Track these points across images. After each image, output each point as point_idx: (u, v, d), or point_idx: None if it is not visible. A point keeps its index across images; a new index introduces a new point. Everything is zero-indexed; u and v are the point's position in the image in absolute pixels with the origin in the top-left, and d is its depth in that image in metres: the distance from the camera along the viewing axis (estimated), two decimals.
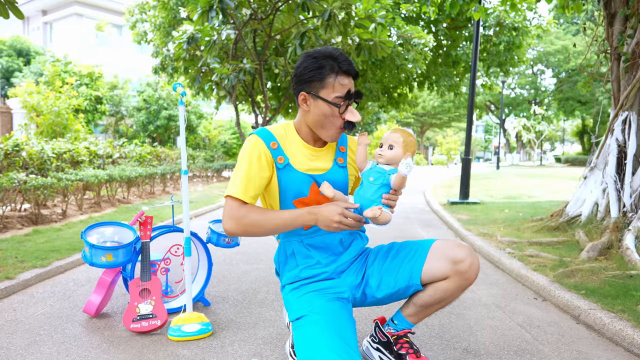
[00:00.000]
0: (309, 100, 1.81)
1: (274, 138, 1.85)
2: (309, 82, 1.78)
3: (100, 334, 2.47)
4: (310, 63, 1.76)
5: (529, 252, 4.13)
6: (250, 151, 1.83)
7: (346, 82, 1.78)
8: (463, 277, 1.82)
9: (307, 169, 1.87)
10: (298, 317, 1.80)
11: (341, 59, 1.77)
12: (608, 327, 2.50)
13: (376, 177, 1.73)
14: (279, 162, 1.84)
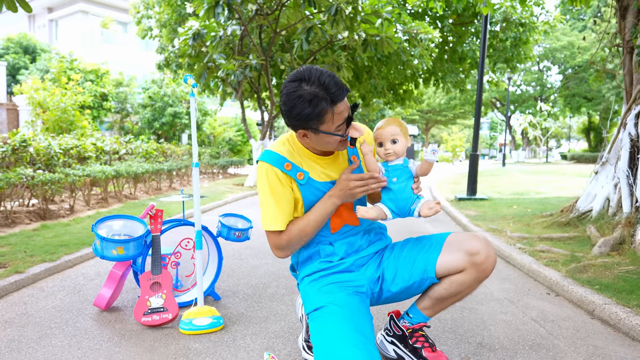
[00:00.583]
0: (310, 134, 1.74)
1: (284, 159, 1.81)
2: (308, 122, 1.68)
3: (111, 327, 2.46)
4: (304, 106, 1.64)
5: (540, 247, 4.09)
6: (268, 181, 1.81)
7: (342, 108, 1.68)
8: (479, 269, 1.79)
9: (326, 178, 1.85)
10: (316, 308, 1.78)
11: (331, 87, 1.64)
12: (624, 322, 2.46)
13: (398, 175, 1.71)
14: (299, 178, 1.81)
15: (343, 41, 10.72)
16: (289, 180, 1.81)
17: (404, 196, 1.73)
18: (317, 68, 1.68)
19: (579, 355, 2.18)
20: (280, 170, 1.80)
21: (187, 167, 10.34)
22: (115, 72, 25.48)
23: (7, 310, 2.71)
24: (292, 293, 3.06)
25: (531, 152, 44.71)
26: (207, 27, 9.95)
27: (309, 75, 1.65)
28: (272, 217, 1.81)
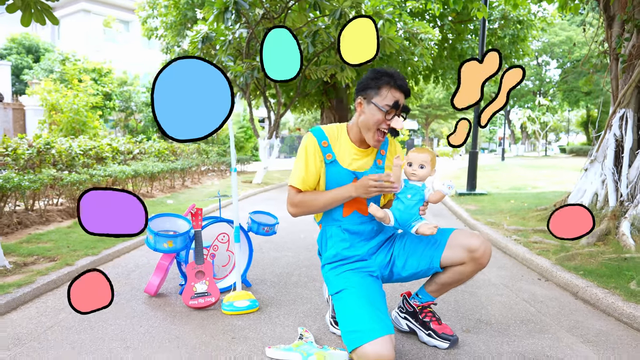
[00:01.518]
0: (364, 104, 2.18)
1: (325, 137, 2.23)
2: (366, 90, 2.15)
3: (163, 309, 2.87)
4: (372, 75, 2.14)
5: (534, 238, 4.50)
6: (307, 147, 2.23)
7: (397, 95, 2.13)
8: (477, 263, 2.19)
9: (350, 166, 2.24)
10: (337, 291, 2.18)
11: (397, 77, 2.14)
12: (602, 301, 2.88)
13: (413, 194, 2.08)
14: (327, 158, 2.22)
15: None
16: (320, 155, 2.22)
17: (410, 212, 2.09)
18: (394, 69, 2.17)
19: (561, 327, 2.59)
20: (318, 145, 2.22)
21: (197, 165, 10.74)
22: (118, 71, 25.81)
23: None
24: (313, 280, 3.47)
25: (531, 146, 45.10)
26: (215, 30, 10.32)
27: (388, 68, 2.17)
28: (297, 176, 2.23)
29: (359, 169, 2.26)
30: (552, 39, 31.66)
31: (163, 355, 2.24)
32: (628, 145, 4.54)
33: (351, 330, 1.98)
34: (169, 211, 6.39)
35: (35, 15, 4.39)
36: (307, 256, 4.25)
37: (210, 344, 2.36)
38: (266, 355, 2.23)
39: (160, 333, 2.50)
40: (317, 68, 11.48)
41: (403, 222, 2.11)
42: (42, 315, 2.77)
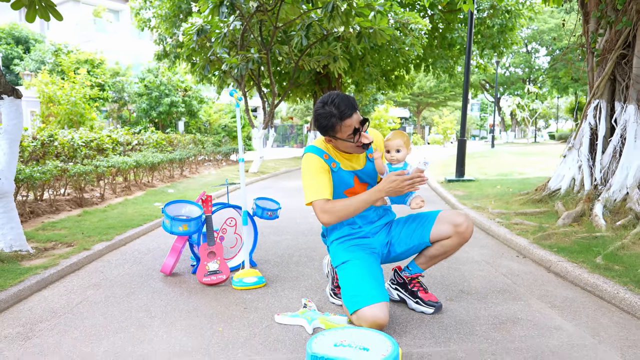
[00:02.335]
0: (332, 140, 2.48)
1: (324, 152, 2.54)
2: (327, 132, 2.42)
3: (179, 286, 3.20)
4: (322, 119, 2.38)
5: (515, 220, 4.87)
6: (313, 163, 2.50)
7: (350, 122, 2.37)
8: (461, 236, 2.53)
9: (351, 168, 2.57)
10: (343, 262, 2.53)
11: (342, 107, 2.34)
12: (570, 273, 3.24)
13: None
14: (332, 167, 2.53)
15: (338, 33, 11.32)
16: (327, 168, 2.52)
17: None
18: (337, 93, 2.41)
19: (533, 295, 2.95)
20: (320, 159, 2.51)
21: (195, 155, 11.00)
22: (110, 62, 25.81)
23: (91, 277, 3.43)
24: (312, 260, 3.81)
25: (521, 133, 45.61)
26: (210, 22, 10.52)
27: (329, 98, 2.40)
28: (317, 189, 2.45)
29: (357, 167, 2.59)
30: (542, 26, 32.00)
31: (185, 322, 2.56)
32: (601, 133, 4.90)
33: (353, 295, 2.32)
34: (171, 199, 6.70)
35: (39, 11, 4.52)
36: (304, 240, 4.58)
37: (225, 313, 2.69)
38: (275, 321, 2.56)
39: (179, 305, 2.83)
40: (310, 59, 11.74)
41: (397, 198, 2.44)
42: (70, 293, 3.08)
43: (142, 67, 26.38)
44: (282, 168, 13.26)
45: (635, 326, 2.48)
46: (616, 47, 4.63)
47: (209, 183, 8.97)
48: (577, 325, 2.50)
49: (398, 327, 2.47)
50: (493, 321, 2.55)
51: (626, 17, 4.46)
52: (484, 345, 2.26)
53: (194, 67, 12.35)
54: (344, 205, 2.42)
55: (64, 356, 2.19)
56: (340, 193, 2.59)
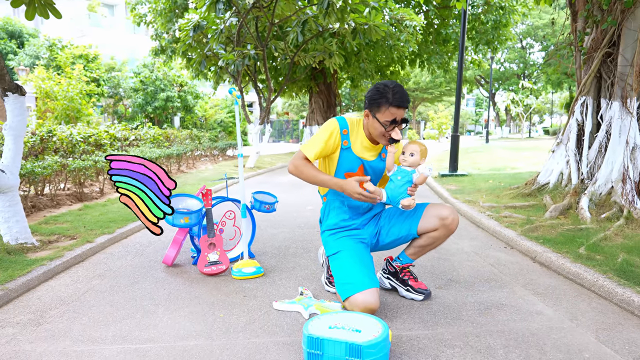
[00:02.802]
0: (370, 117, 2.59)
1: (347, 126, 2.66)
2: (371, 105, 2.56)
3: (181, 276, 3.34)
4: (375, 93, 2.53)
5: (504, 213, 5.03)
6: (328, 127, 2.64)
7: (395, 112, 2.51)
8: (447, 229, 2.68)
9: (360, 155, 2.69)
10: (335, 252, 2.68)
11: (397, 95, 2.50)
12: (554, 263, 3.41)
13: (402, 176, 2.53)
14: (344, 144, 2.65)
15: (333, 29, 11.43)
16: (338, 140, 2.65)
17: (398, 191, 2.54)
18: (400, 85, 2.56)
19: (517, 283, 3.12)
20: (339, 130, 2.64)
21: (192, 151, 11.11)
22: (104, 56, 25.77)
23: (95, 268, 3.56)
24: (308, 252, 3.96)
25: (516, 128, 45.89)
26: (206, 19, 10.61)
27: (391, 83, 2.55)
28: (312, 147, 2.62)
29: (366, 158, 2.71)
30: (536, 22, 32.18)
31: (188, 309, 2.71)
32: (588, 129, 5.06)
33: (345, 283, 2.47)
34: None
35: (39, 9, 4.57)
36: (300, 233, 4.72)
37: (226, 301, 2.84)
38: (273, 308, 2.71)
39: (182, 294, 2.97)
40: (305, 55, 11.85)
41: (393, 198, 2.57)
42: (76, 283, 3.22)
43: (137, 62, 26.38)
44: (278, 163, 13.39)
45: (611, 311, 2.65)
46: (602, 45, 4.78)
47: (206, 178, 9.10)
48: (557, 310, 2.66)
49: (389, 312, 2.63)
50: (479, 307, 2.70)
51: (611, 17, 4.62)
52: (469, 328, 2.42)
53: (190, 63, 12.43)
54: (313, 173, 2.61)
55: (75, 340, 2.33)
56: (341, 174, 2.71)
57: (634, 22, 4.53)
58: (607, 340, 2.27)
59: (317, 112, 20.56)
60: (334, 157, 2.70)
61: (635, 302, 2.60)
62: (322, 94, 20.38)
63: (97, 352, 2.19)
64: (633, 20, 4.53)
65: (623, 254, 3.40)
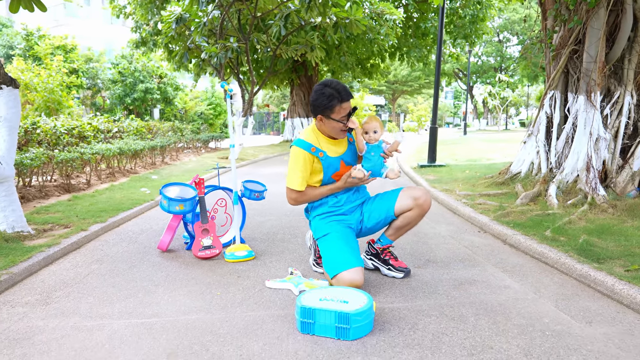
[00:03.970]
0: (324, 120, 2.86)
1: (310, 144, 2.91)
2: (323, 110, 2.82)
3: (176, 260, 3.53)
4: (323, 99, 2.79)
5: (479, 201, 5.34)
6: (297, 158, 2.90)
7: (346, 106, 2.81)
8: (421, 208, 2.95)
9: (336, 154, 2.95)
10: (324, 235, 2.92)
11: (342, 91, 2.79)
12: (522, 244, 3.71)
13: (375, 151, 2.82)
14: (320, 156, 2.91)
15: (315, 23, 11.61)
16: (312, 159, 2.90)
17: (377, 163, 2.84)
18: (335, 80, 2.84)
19: (489, 262, 3.41)
20: (307, 153, 2.89)
21: (175, 143, 11.19)
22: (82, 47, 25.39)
23: (93, 254, 3.73)
24: (295, 237, 4.19)
25: (493, 120, 46.75)
26: (189, 11, 10.66)
27: (330, 82, 2.83)
28: (296, 181, 2.91)
29: (341, 153, 2.99)
30: (513, 16, 32.79)
31: (186, 289, 2.92)
32: (556, 121, 5.40)
33: (332, 261, 2.72)
34: (157, 185, 6.96)
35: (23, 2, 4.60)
36: (287, 220, 4.95)
37: (222, 281, 3.05)
38: (266, 286, 2.94)
39: (179, 275, 3.18)
40: (287, 48, 12.00)
41: (374, 171, 2.84)
42: (76, 267, 3.39)
43: (116, 53, 26.07)
44: (260, 155, 13.56)
45: (570, 284, 2.95)
46: (569, 43, 5.10)
47: (190, 170, 9.23)
48: (523, 284, 2.95)
49: (373, 288, 2.88)
50: (453, 283, 2.98)
51: (577, 16, 4.94)
52: (444, 300, 2.69)
53: (172, 55, 12.46)
54: (314, 195, 2.99)
55: (83, 316, 2.52)
56: (329, 177, 2.98)
57: (597, 22, 4.85)
58: (565, 308, 2.57)
59: (298, 104, 20.73)
60: (318, 170, 2.96)
61: (591, 276, 2.90)
62: (303, 86, 20.54)
63: (107, 326, 2.39)
64: (597, 19, 4.86)
65: (584, 236, 3.72)
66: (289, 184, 2.95)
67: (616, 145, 5.05)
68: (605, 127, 5.01)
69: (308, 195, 2.99)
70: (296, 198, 2.99)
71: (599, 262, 3.11)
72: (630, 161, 4.97)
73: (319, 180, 2.99)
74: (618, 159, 5.05)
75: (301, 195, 2.97)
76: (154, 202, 5.75)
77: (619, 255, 3.24)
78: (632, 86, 4.91)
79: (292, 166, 2.93)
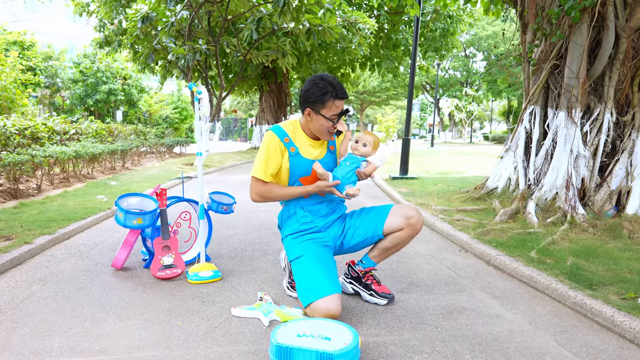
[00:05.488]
0: (312, 115, 2.56)
1: (286, 134, 2.60)
2: (314, 103, 2.52)
3: (132, 281, 3.14)
4: (316, 90, 2.50)
5: (457, 217, 5.15)
6: (269, 143, 2.59)
7: (339, 104, 2.54)
8: (413, 228, 2.68)
9: (310, 156, 2.64)
10: (297, 257, 2.61)
11: (338, 87, 2.51)
12: (508, 266, 3.50)
13: (352, 162, 2.55)
14: (291, 151, 2.59)
15: (287, 29, 11.34)
16: (283, 150, 2.60)
17: (343, 174, 2.56)
18: (332, 76, 2.54)
19: (475, 286, 3.17)
20: (280, 141, 2.59)
21: (137, 147, 10.65)
22: (42, 44, 24.28)
23: (35, 272, 3.29)
24: (266, 254, 3.86)
25: (457, 133, 47.63)
26: (156, 10, 10.20)
27: (326, 76, 2.54)
28: (261, 169, 2.60)
29: (317, 157, 2.67)
30: (480, 32, 33.54)
31: (142, 317, 2.54)
32: (535, 136, 5.28)
33: (306, 289, 2.41)
34: (116, 192, 6.48)
35: None
36: (256, 234, 4.61)
37: (183, 307, 2.69)
38: (232, 314, 2.60)
39: (134, 300, 2.79)
40: (258, 53, 11.68)
41: (341, 183, 2.55)
42: (14, 289, 2.95)
43: (77, 52, 25.06)
44: (227, 162, 13.11)
45: (565, 313, 2.74)
46: (550, 57, 5.00)
47: (152, 176, 8.73)
48: (516, 313, 2.72)
49: (354, 317, 2.59)
50: (441, 311, 2.72)
51: (560, 31, 4.84)
52: (434, 333, 2.42)
53: (137, 55, 11.92)
54: (280, 193, 2.64)
55: (14, 352, 2.12)
56: (296, 180, 2.67)
57: (580, 37, 4.77)
58: (565, 343, 2.34)
59: (267, 111, 20.38)
60: (284, 168, 2.65)
61: (587, 305, 2.70)
62: (272, 93, 20.22)
63: None
64: (579, 34, 4.77)
65: (571, 258, 3.55)
66: (254, 172, 2.62)
67: (595, 163, 4.96)
68: (584, 145, 4.91)
69: (274, 191, 2.63)
70: (261, 192, 2.63)
71: (592, 289, 2.92)
72: (608, 179, 4.89)
73: (284, 183, 2.71)
74: (596, 177, 4.96)
75: (267, 189, 2.62)
76: (111, 211, 5.29)
77: (610, 281, 3.06)
78: (611, 104, 4.84)
79: (263, 152, 2.61)
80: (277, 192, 2.63)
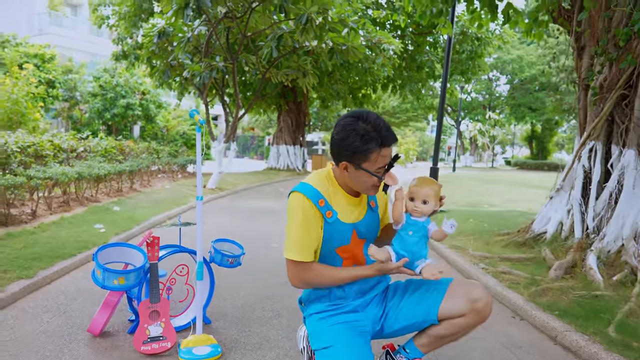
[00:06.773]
0: (350, 168, 1.88)
1: (320, 195, 1.92)
2: (352, 155, 1.84)
3: (109, 355, 2.49)
4: (355, 138, 1.82)
5: (501, 268, 4.41)
6: (303, 212, 1.89)
7: (387, 153, 1.86)
8: (479, 316, 1.98)
9: (349, 220, 1.98)
10: (326, 347, 1.93)
11: (384, 131, 1.83)
12: (584, 350, 2.77)
13: (415, 230, 1.86)
14: (327, 216, 1.92)
15: (309, 47, 10.83)
16: (319, 217, 1.92)
17: (410, 248, 1.87)
18: (373, 112, 1.85)
19: None
20: (314, 205, 1.90)
21: (147, 167, 10.14)
22: (63, 58, 24.31)
23: None
24: (278, 317, 3.18)
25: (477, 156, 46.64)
26: (173, 25, 9.78)
27: (367, 115, 1.84)
28: (299, 247, 1.90)
29: (356, 219, 2.00)
30: (504, 56, 32.83)
31: None
32: (596, 177, 4.55)
33: None
34: (117, 219, 5.89)
35: None
36: (267, 284, 3.93)
37: None
38: None
39: None
40: (278, 71, 11.17)
41: (409, 260, 1.87)
42: None
43: (99, 66, 25.04)
44: (242, 184, 12.52)
45: None
46: (617, 86, 4.31)
47: (161, 200, 8.16)
48: None
49: None
50: None
51: (631, 56, 4.15)
52: None
53: (153, 71, 11.51)
54: (333, 277, 1.97)
55: None
56: (332, 250, 1.99)
57: None
58: None
59: (285, 131, 19.89)
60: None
61: None
62: (291, 112, 19.74)
63: None
64: None
65: None
66: (289, 252, 1.92)
67: None
68: None
69: (319, 273, 1.95)
70: (301, 276, 1.94)
71: None
72: None
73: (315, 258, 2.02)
74: None
75: (307, 270, 1.94)
76: None
77: None
78: None
79: (293, 225, 1.92)
80: (328, 278, 1.96)
